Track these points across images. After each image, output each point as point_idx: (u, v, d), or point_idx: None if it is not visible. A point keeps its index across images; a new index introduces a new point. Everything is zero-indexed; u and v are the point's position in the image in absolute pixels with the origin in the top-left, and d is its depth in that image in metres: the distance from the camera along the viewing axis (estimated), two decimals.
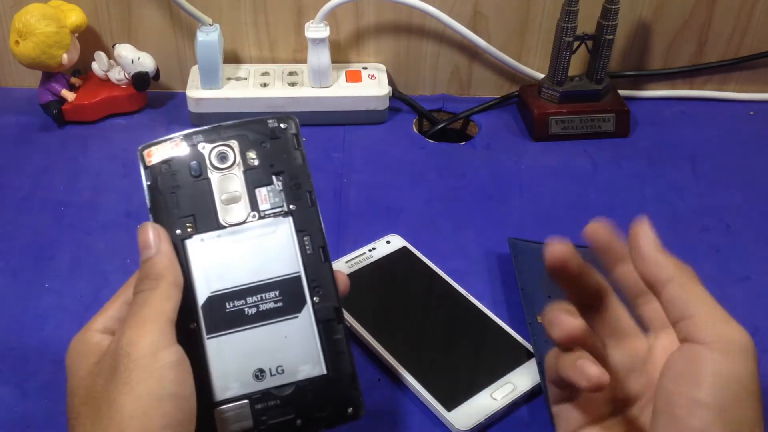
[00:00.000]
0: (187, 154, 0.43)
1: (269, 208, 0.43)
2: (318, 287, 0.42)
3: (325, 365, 0.41)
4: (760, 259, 0.66)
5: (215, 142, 0.43)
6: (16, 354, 0.56)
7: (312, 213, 0.43)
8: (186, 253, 0.41)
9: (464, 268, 0.63)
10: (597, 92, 0.80)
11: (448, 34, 0.83)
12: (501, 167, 0.76)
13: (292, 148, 0.44)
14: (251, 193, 0.43)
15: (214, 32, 0.77)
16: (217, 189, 0.42)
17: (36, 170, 0.74)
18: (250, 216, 0.42)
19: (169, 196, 0.42)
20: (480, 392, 0.53)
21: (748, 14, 0.82)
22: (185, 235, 0.42)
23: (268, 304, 0.41)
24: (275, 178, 0.43)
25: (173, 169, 0.42)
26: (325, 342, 0.41)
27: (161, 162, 0.42)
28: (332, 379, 0.41)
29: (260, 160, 0.43)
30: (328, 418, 0.41)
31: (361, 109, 0.80)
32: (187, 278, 0.41)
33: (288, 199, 0.43)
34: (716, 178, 0.75)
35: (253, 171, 0.43)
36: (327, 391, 0.41)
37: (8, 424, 0.52)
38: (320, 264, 0.42)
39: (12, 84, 0.86)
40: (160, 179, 0.42)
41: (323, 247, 0.43)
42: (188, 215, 0.42)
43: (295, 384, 0.41)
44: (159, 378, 0.36)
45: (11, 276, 0.63)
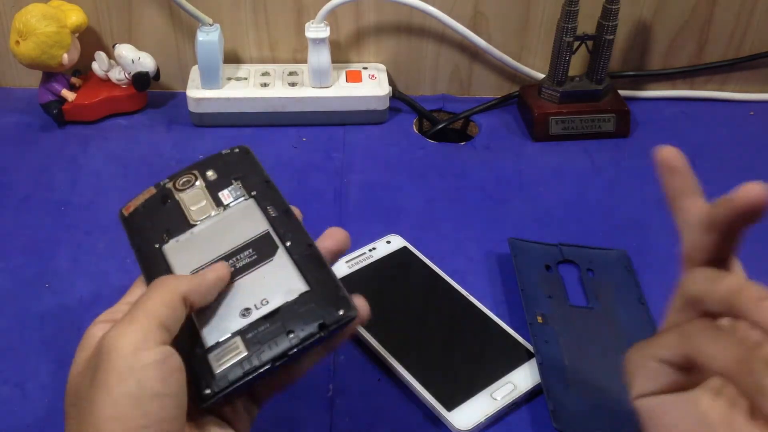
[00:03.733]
0: (156, 194, 0.48)
1: (232, 200, 0.47)
2: (288, 234, 0.45)
3: (307, 284, 0.42)
4: (760, 259, 0.65)
5: (179, 176, 0.49)
6: (16, 354, 0.56)
7: (271, 192, 0.47)
8: (165, 256, 0.45)
9: (464, 268, 0.63)
10: (597, 92, 0.80)
11: (449, 34, 0.83)
12: (501, 167, 0.76)
13: (246, 161, 0.49)
14: (215, 196, 0.47)
15: (214, 32, 0.77)
16: (184, 202, 0.47)
17: (36, 170, 0.74)
18: (216, 210, 0.47)
19: (145, 225, 0.47)
20: (480, 392, 0.53)
21: (748, 14, 0.82)
22: (162, 244, 0.46)
23: (245, 261, 0.44)
24: (234, 181, 0.48)
25: (147, 208, 0.48)
26: (304, 267, 0.43)
27: (137, 207, 0.48)
28: (316, 292, 0.42)
29: (219, 174, 0.48)
30: (321, 323, 0.41)
31: (361, 109, 0.80)
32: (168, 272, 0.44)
33: (248, 190, 0.47)
34: (716, 178, 0.75)
35: (213, 182, 0.48)
36: (314, 303, 0.42)
37: (8, 423, 0.52)
38: (287, 221, 0.45)
39: (12, 84, 0.86)
40: (136, 219, 0.47)
41: (287, 210, 0.46)
42: (163, 230, 0.46)
43: (281, 307, 0.42)
44: (139, 379, 0.36)
45: (11, 276, 0.63)
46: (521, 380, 0.53)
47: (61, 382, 0.54)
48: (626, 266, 0.63)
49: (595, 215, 0.70)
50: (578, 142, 0.80)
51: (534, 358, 0.55)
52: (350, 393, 0.54)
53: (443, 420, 0.51)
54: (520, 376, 0.54)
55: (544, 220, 0.69)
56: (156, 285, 0.40)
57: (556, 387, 0.52)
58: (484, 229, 0.68)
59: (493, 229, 0.68)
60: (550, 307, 0.59)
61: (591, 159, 0.77)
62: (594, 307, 0.59)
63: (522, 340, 0.56)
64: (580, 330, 0.57)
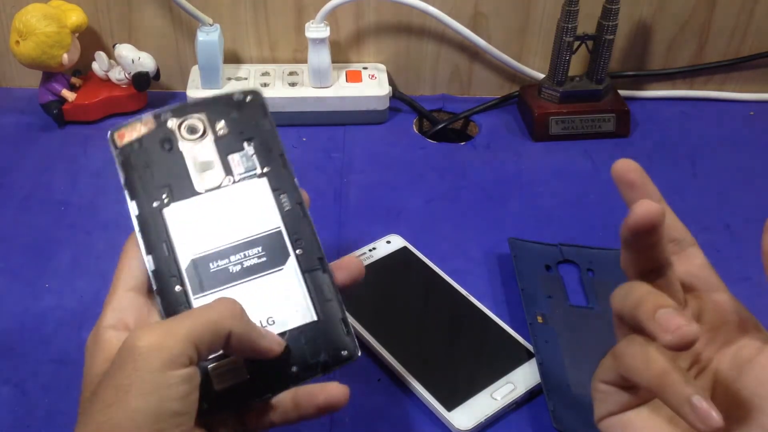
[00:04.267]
0: (156, 129, 0.44)
1: (243, 171, 0.44)
2: (299, 239, 0.43)
3: (315, 312, 0.42)
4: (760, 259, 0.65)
5: (184, 116, 0.44)
6: (16, 354, 0.56)
7: (286, 173, 0.44)
8: (164, 221, 0.42)
9: (464, 268, 0.63)
10: (597, 92, 0.80)
11: (449, 34, 0.83)
12: (501, 167, 0.76)
13: (260, 117, 0.45)
14: (224, 160, 0.44)
15: (214, 32, 0.77)
16: (189, 158, 0.43)
17: (36, 170, 0.74)
18: (225, 180, 0.43)
19: (142, 171, 0.43)
20: (480, 392, 0.53)
21: (748, 14, 0.82)
22: (162, 205, 0.42)
23: (252, 260, 0.42)
24: (246, 143, 0.44)
25: (144, 146, 0.43)
26: (313, 290, 0.42)
27: (132, 141, 0.43)
28: (323, 324, 0.41)
29: (230, 129, 0.44)
30: (324, 362, 0.41)
31: (361, 109, 0.80)
32: (168, 245, 0.42)
33: (261, 163, 0.44)
34: (716, 178, 0.75)
35: (223, 139, 0.44)
36: (319, 337, 0.41)
37: (8, 424, 0.52)
38: (300, 218, 0.43)
39: (12, 84, 0.86)
40: (132, 156, 0.43)
41: (300, 203, 0.44)
42: (163, 186, 0.43)
43: (287, 333, 0.41)
44: (161, 397, 0.35)
45: (11, 276, 0.63)
46: (521, 380, 0.53)
47: (61, 382, 0.54)
48: None
49: (595, 215, 0.70)
50: (578, 142, 0.80)
51: (534, 358, 0.55)
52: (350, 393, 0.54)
53: (443, 420, 0.51)
54: (520, 376, 0.54)
55: (544, 220, 0.69)
56: (216, 306, 0.38)
57: (556, 387, 0.52)
58: (484, 229, 0.68)
59: (493, 229, 0.68)
60: (550, 307, 0.59)
61: (591, 159, 0.77)
62: (594, 307, 0.59)
63: (522, 340, 0.56)
64: (580, 330, 0.57)
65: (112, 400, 0.35)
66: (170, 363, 0.35)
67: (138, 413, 0.35)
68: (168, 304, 0.41)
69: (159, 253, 0.42)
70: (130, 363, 0.35)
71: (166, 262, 0.42)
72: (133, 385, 0.35)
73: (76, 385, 0.54)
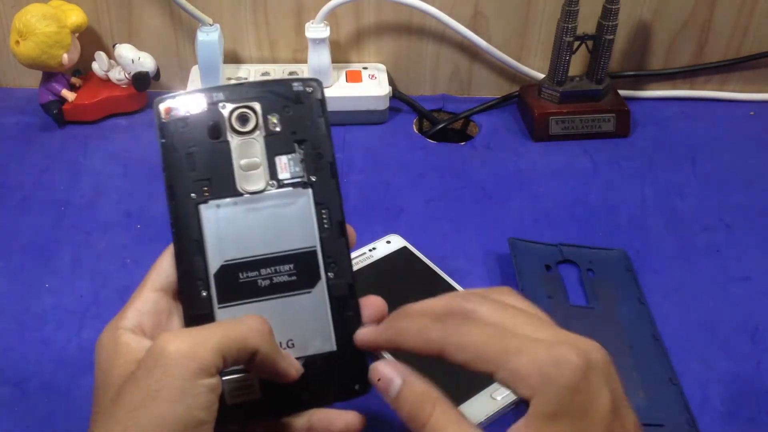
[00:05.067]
0: (206, 112, 0.41)
1: (289, 177, 0.41)
2: (333, 263, 0.41)
3: (336, 342, 0.41)
4: (760, 259, 0.66)
5: (237, 102, 0.41)
6: (16, 354, 0.56)
7: (332, 185, 0.42)
8: (200, 217, 0.40)
9: (464, 268, 0.63)
10: (597, 92, 0.80)
11: (449, 34, 0.83)
12: (501, 167, 0.76)
13: (316, 116, 0.42)
14: (271, 161, 0.41)
15: (214, 32, 0.77)
16: (236, 154, 0.41)
17: (36, 170, 0.74)
18: (269, 185, 0.41)
19: (185, 156, 0.40)
20: (480, 392, 0.53)
21: (748, 14, 0.82)
22: (200, 200, 0.40)
23: (282, 277, 0.41)
24: (297, 146, 0.41)
25: (191, 128, 0.41)
26: (337, 319, 0.41)
27: (178, 119, 0.41)
28: (341, 356, 0.41)
29: (282, 126, 0.41)
30: (335, 393, 0.41)
31: (361, 109, 0.80)
32: (200, 244, 0.40)
33: (309, 170, 0.42)
34: (716, 178, 0.75)
35: (274, 137, 0.41)
36: (335, 368, 0.41)
37: (8, 424, 0.52)
38: (337, 239, 0.42)
39: (12, 84, 0.86)
40: (176, 137, 0.40)
41: (341, 221, 0.42)
42: (204, 178, 0.40)
43: (304, 359, 0.41)
44: (189, 405, 0.35)
45: (11, 276, 0.63)
46: None
47: (61, 382, 0.54)
48: (626, 266, 0.63)
49: (595, 215, 0.70)
50: (578, 142, 0.79)
51: None
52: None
53: None
54: None
55: (544, 220, 0.69)
56: (247, 322, 0.38)
57: None
58: (484, 229, 0.68)
59: (493, 229, 0.68)
60: (550, 307, 0.59)
61: (591, 159, 0.77)
62: (594, 307, 0.59)
63: None
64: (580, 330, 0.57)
65: (139, 403, 0.35)
66: (200, 372, 0.35)
67: (165, 419, 0.34)
68: (191, 309, 0.40)
69: (190, 251, 0.40)
70: (161, 368, 0.35)
71: (195, 263, 0.40)
72: (162, 391, 0.35)
73: (77, 385, 0.54)
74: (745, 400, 0.54)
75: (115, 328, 0.40)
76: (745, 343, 0.58)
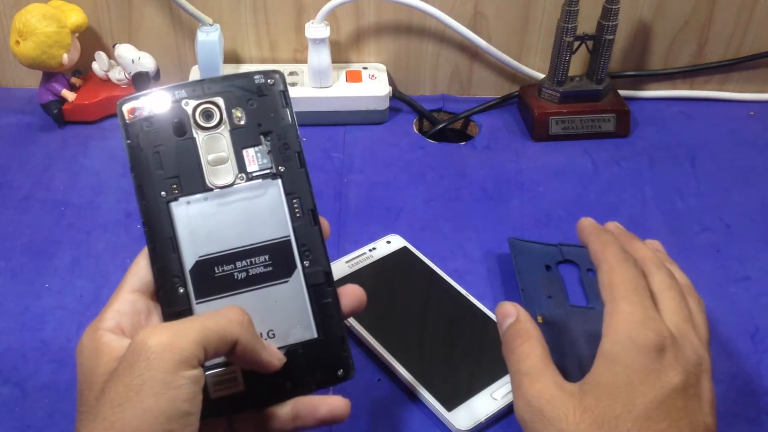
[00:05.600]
0: (170, 111, 0.41)
1: (257, 169, 0.42)
2: (308, 251, 0.42)
3: (316, 329, 0.41)
4: (760, 259, 0.66)
5: (200, 98, 0.42)
6: (16, 354, 0.56)
7: (301, 175, 0.42)
8: (171, 215, 0.41)
9: (464, 268, 0.63)
10: (597, 92, 0.80)
11: (449, 34, 0.83)
12: (501, 167, 0.76)
13: (280, 106, 0.43)
14: (239, 154, 0.42)
15: (214, 32, 0.77)
16: (203, 149, 0.41)
17: (36, 170, 0.74)
18: (237, 178, 0.42)
19: (152, 155, 0.41)
20: (480, 392, 0.53)
21: (748, 14, 0.82)
22: (170, 198, 0.41)
23: (258, 269, 0.41)
24: (263, 138, 0.42)
25: (155, 127, 0.41)
26: (316, 306, 0.41)
27: (142, 119, 0.41)
28: (323, 342, 0.41)
29: (247, 119, 0.42)
30: (318, 380, 0.41)
31: (361, 109, 0.80)
32: (173, 242, 0.41)
33: (277, 161, 0.42)
34: (716, 178, 0.75)
35: (239, 131, 0.42)
36: (317, 354, 0.41)
37: (8, 424, 0.52)
38: (310, 228, 0.42)
39: (12, 84, 0.86)
40: (141, 137, 0.41)
41: (313, 210, 0.42)
42: (173, 176, 0.41)
43: (285, 348, 0.41)
44: (172, 397, 0.35)
45: (11, 276, 0.63)
46: None
47: (61, 382, 0.54)
48: None
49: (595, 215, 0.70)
50: (578, 142, 0.80)
51: None
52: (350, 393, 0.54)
53: (443, 420, 0.51)
54: None
55: (544, 220, 0.69)
56: (226, 313, 0.38)
57: None
58: (484, 229, 0.68)
59: (493, 229, 0.68)
60: (551, 307, 0.59)
61: (591, 159, 0.77)
62: (594, 307, 0.59)
63: None
64: (580, 330, 0.57)
65: (123, 399, 0.35)
66: (181, 363, 0.36)
67: (150, 412, 0.35)
68: (169, 306, 0.41)
69: (164, 249, 0.41)
70: (142, 362, 0.35)
71: (170, 260, 0.41)
72: (144, 384, 0.35)
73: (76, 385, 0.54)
74: (745, 400, 0.54)
75: (94, 330, 0.40)
76: (745, 343, 0.58)
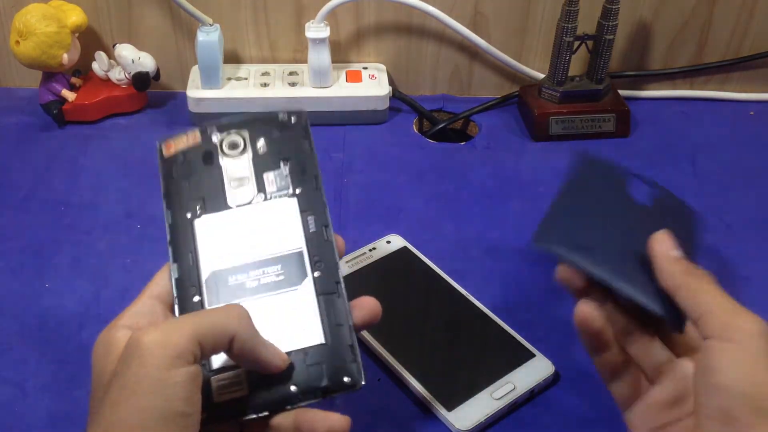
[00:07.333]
0: (201, 144, 0.46)
1: (275, 190, 0.45)
2: (319, 262, 0.43)
3: (324, 335, 0.41)
4: (760, 259, 0.66)
5: (228, 130, 0.46)
6: (16, 354, 0.56)
7: (317, 195, 0.45)
8: (194, 231, 0.44)
9: (464, 268, 0.63)
10: (597, 92, 0.80)
11: (449, 34, 0.83)
12: (501, 167, 0.76)
13: (300, 137, 0.46)
14: (259, 177, 0.45)
15: (214, 32, 0.77)
16: (226, 173, 0.45)
17: (36, 170, 0.74)
18: (256, 197, 0.45)
19: (182, 183, 0.45)
20: (480, 392, 0.53)
21: (748, 14, 0.82)
22: (194, 216, 0.44)
23: (270, 278, 0.43)
24: (282, 163, 0.45)
25: (188, 159, 0.45)
26: (325, 313, 0.42)
27: (177, 153, 0.45)
28: (331, 348, 0.41)
29: (269, 148, 0.46)
30: (325, 387, 0.41)
31: (361, 109, 0.80)
32: (193, 255, 0.43)
33: (294, 183, 0.45)
34: (716, 178, 0.75)
35: (261, 157, 0.46)
36: (325, 360, 0.41)
37: (8, 424, 0.52)
38: (323, 241, 0.44)
39: (12, 84, 0.86)
40: (175, 169, 0.45)
41: (326, 225, 0.44)
42: (198, 198, 0.44)
43: (292, 352, 0.41)
44: (167, 396, 0.35)
45: (11, 276, 0.63)
46: (521, 380, 0.53)
47: (62, 383, 0.54)
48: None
49: None
50: (578, 142, 0.80)
51: (534, 358, 0.55)
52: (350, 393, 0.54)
53: (443, 420, 0.51)
54: (520, 376, 0.54)
55: None
56: (223, 308, 0.39)
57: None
58: (484, 229, 0.68)
59: (493, 229, 0.68)
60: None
61: None
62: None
63: (522, 340, 0.56)
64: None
65: (121, 398, 0.35)
66: (176, 360, 0.35)
67: (145, 412, 0.34)
68: (184, 312, 0.42)
69: (184, 262, 0.43)
70: (136, 359, 0.35)
71: (188, 272, 0.43)
72: (140, 383, 0.35)
73: (76, 385, 0.54)
74: None
75: (110, 328, 0.40)
76: None
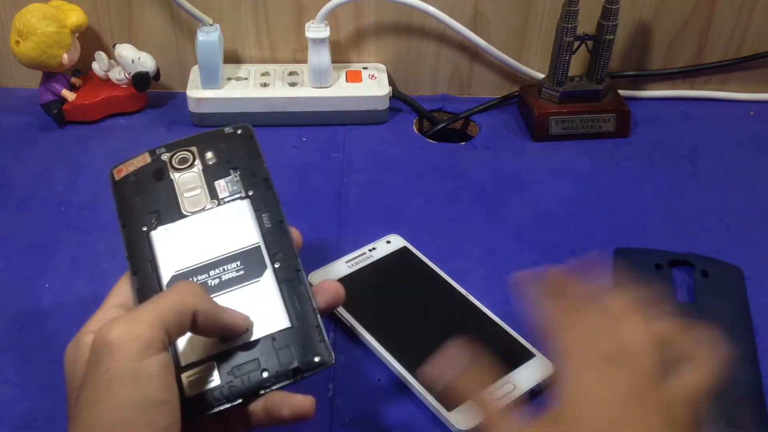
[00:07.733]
0: (150, 163, 0.47)
1: (227, 195, 0.46)
2: (277, 253, 0.44)
3: (290, 319, 0.42)
4: (760, 259, 0.66)
5: (176, 148, 0.48)
6: (16, 354, 0.56)
7: (269, 194, 0.46)
8: (151, 242, 0.44)
9: (464, 268, 0.63)
10: (597, 92, 0.80)
11: (449, 34, 0.83)
12: (501, 167, 0.76)
13: (248, 146, 0.48)
14: (210, 185, 0.46)
15: (214, 32, 0.77)
16: (178, 186, 0.46)
17: (36, 170, 0.74)
18: (209, 203, 0.46)
19: (134, 200, 0.46)
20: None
21: (748, 14, 0.82)
22: (150, 229, 0.45)
23: (230, 274, 0.43)
24: (232, 171, 0.47)
25: (139, 178, 0.47)
26: (288, 300, 0.43)
27: (128, 174, 0.47)
28: (298, 331, 0.42)
29: (218, 159, 0.47)
30: (296, 368, 0.41)
31: (361, 109, 0.80)
32: (152, 264, 0.44)
33: (246, 187, 0.46)
34: (716, 177, 0.75)
35: (211, 167, 0.47)
36: (293, 343, 0.42)
37: (8, 423, 0.52)
38: (279, 235, 0.45)
39: (12, 84, 0.86)
40: (127, 188, 0.47)
41: (281, 221, 0.45)
42: (152, 212, 0.45)
43: (260, 340, 0.42)
44: (143, 386, 0.35)
45: (11, 276, 0.63)
46: (521, 380, 0.53)
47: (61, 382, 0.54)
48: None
49: (595, 215, 0.70)
50: (578, 142, 0.80)
51: (534, 358, 0.55)
52: (350, 393, 0.54)
53: (443, 420, 0.51)
54: (520, 376, 0.54)
55: (544, 220, 0.69)
56: (176, 289, 0.39)
57: None
58: (484, 229, 0.68)
59: (493, 229, 0.68)
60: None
61: (591, 159, 0.77)
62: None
63: (522, 340, 0.56)
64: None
65: (96, 397, 0.35)
66: (145, 350, 0.36)
67: (124, 405, 0.35)
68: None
69: (143, 272, 0.44)
70: (106, 356, 0.35)
71: (149, 280, 0.44)
72: (113, 378, 0.35)
73: None
74: None
75: (78, 335, 0.41)
76: None
